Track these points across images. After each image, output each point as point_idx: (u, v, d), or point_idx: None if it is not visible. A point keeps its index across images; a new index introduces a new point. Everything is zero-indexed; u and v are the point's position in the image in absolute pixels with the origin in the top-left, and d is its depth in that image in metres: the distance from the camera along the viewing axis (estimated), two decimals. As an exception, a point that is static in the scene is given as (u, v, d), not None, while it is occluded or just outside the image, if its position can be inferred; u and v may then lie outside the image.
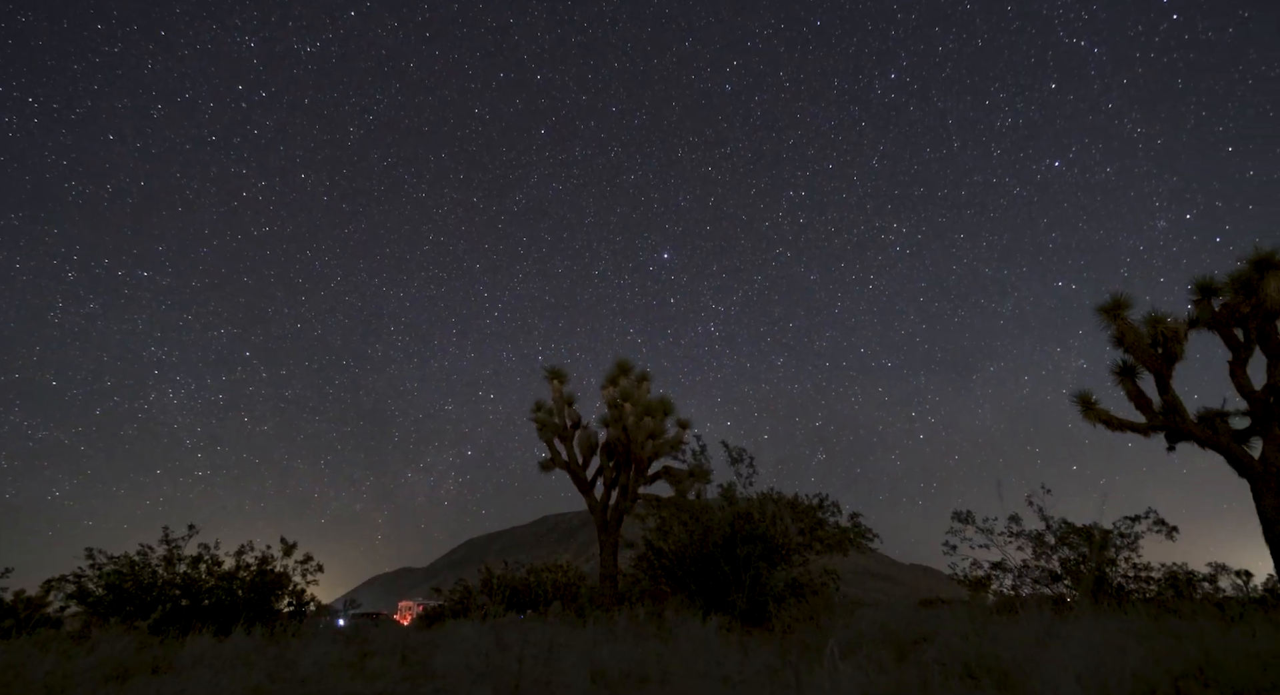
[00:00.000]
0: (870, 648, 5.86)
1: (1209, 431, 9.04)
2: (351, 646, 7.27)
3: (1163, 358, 9.16)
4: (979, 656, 4.43)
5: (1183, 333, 8.91)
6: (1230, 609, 9.71)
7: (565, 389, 12.76)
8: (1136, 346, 9.30)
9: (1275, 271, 8.07)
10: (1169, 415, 9.34)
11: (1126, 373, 9.62)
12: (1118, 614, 8.44)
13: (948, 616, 6.98)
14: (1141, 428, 9.66)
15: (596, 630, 5.76)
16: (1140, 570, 11.86)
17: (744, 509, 9.39)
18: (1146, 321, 9.11)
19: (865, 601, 18.61)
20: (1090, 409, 9.92)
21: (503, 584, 14.92)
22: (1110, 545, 12.86)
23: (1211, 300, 8.90)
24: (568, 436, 12.67)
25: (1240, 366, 8.82)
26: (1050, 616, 7.21)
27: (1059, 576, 12.62)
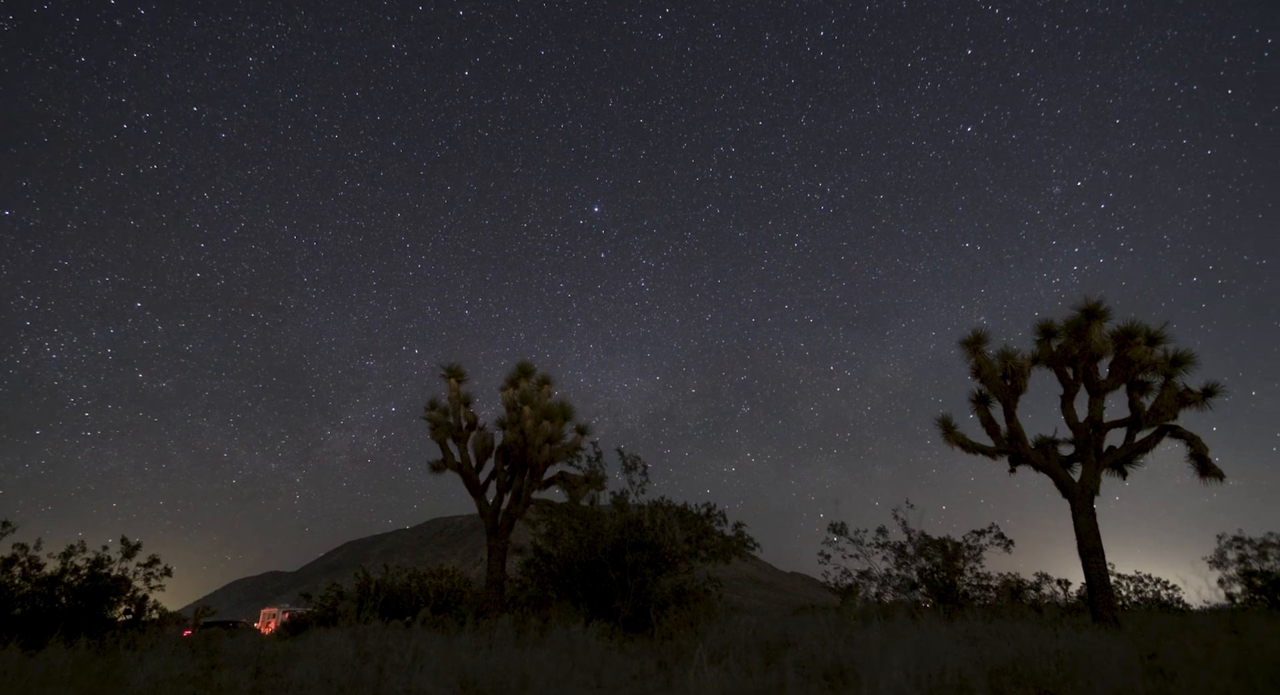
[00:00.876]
0: (743, 652, 6.13)
1: (1042, 457, 10.28)
2: (198, 658, 6.61)
3: (1010, 389, 10.33)
4: (835, 659, 4.77)
5: (1027, 368, 10.11)
6: (1049, 613, 11.08)
7: (463, 389, 12.39)
8: (990, 378, 10.43)
9: (1099, 321, 9.38)
10: (1012, 441, 10.53)
11: (981, 401, 10.75)
12: (960, 618, 9.35)
13: (812, 622, 7.43)
14: (990, 451, 10.82)
15: (473, 638, 5.62)
16: (982, 579, 13.27)
17: (635, 516, 9.53)
18: (999, 356, 10.25)
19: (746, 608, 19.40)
20: (950, 433, 10.98)
21: (381, 589, 14.16)
22: (959, 556, 14.27)
23: (1050, 341, 10.17)
24: (462, 437, 12.30)
25: (1069, 400, 10.12)
26: (903, 621, 7.88)
27: (916, 584, 13.83)
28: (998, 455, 10.76)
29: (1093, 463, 9.85)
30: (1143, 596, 16.16)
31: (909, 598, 14.37)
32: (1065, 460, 10.35)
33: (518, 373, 12.19)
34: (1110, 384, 9.84)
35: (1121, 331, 9.42)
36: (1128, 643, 5.72)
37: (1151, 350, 9.46)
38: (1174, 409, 9.57)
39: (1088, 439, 9.90)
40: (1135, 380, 9.77)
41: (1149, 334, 9.27)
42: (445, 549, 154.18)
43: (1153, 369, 9.56)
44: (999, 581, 13.20)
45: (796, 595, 34.70)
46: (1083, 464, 9.97)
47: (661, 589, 9.55)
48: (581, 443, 11.93)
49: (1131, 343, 9.38)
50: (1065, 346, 9.92)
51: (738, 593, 32.02)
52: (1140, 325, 9.32)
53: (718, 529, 10.17)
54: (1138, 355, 9.41)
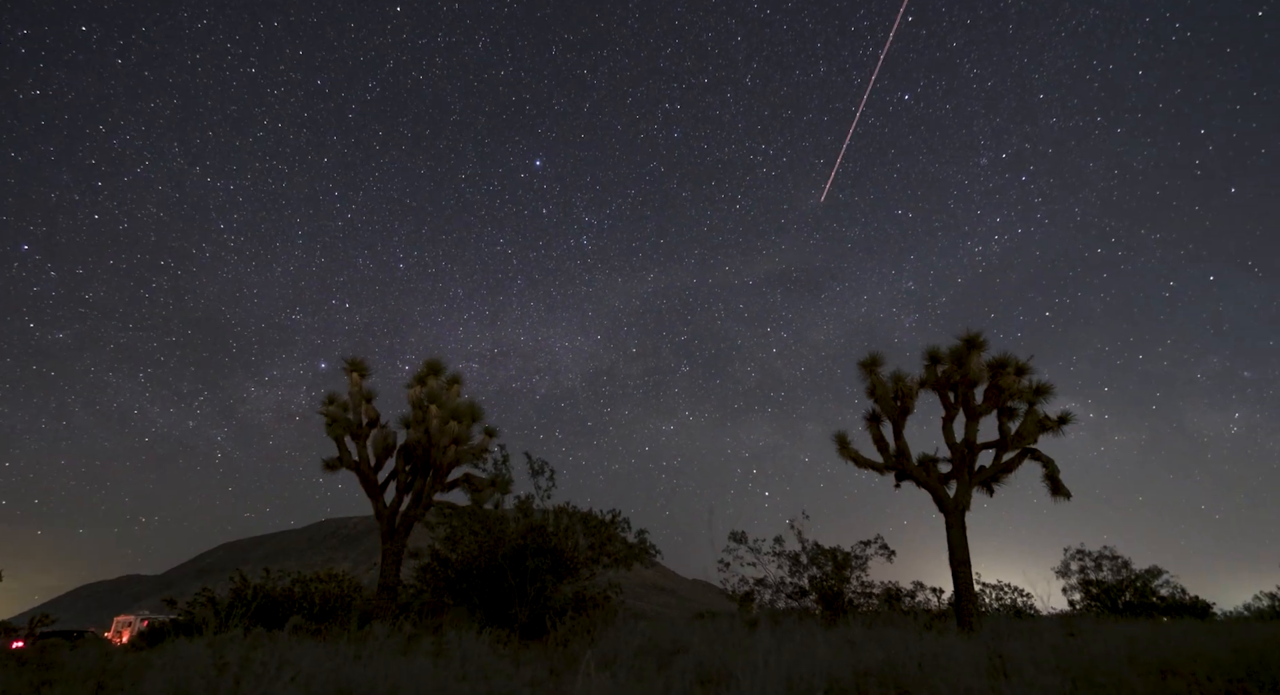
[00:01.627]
0: (636, 658, 6.20)
1: (924, 473, 11.12)
2: (27, 674, 5.85)
3: (899, 410, 11.12)
4: (722, 664, 4.93)
5: (915, 391, 10.93)
6: (922, 618, 11.98)
7: (366, 384, 11.80)
8: (883, 399, 11.18)
9: (978, 351, 10.32)
10: (899, 458, 11.32)
11: (873, 419, 11.49)
12: (842, 623, 9.90)
13: (701, 629, 7.62)
14: (879, 467, 11.57)
15: (354, 646, 5.34)
16: (865, 587, 14.15)
17: (539, 522, 9.43)
18: (892, 378, 11.02)
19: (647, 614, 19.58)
20: (845, 448, 11.65)
21: (259, 594, 13.12)
22: (848, 565, 15.15)
23: (936, 366, 11.05)
24: (362, 435, 11.69)
25: (949, 422, 11.03)
26: (791, 627, 8.24)
27: (806, 592, 14.54)
28: (885, 471, 11.52)
29: (966, 480, 10.77)
30: (1002, 603, 17.79)
31: (800, 604, 15.07)
32: (943, 477, 11.25)
33: (426, 370, 11.76)
34: (984, 409, 10.81)
35: (995, 362, 10.40)
36: (981, 646, 6.29)
37: (1019, 380, 10.50)
38: (1035, 434, 10.65)
39: (963, 458, 10.82)
40: (1005, 406, 10.79)
41: (1018, 365, 10.29)
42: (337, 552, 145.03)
43: (1019, 397, 10.60)
44: (880, 589, 14.14)
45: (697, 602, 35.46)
46: (958, 481, 10.88)
47: (562, 595, 9.48)
48: (489, 445, 11.66)
49: (1003, 372, 10.37)
50: (948, 372, 10.81)
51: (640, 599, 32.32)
52: (1011, 357, 10.34)
53: (621, 535, 10.24)
54: (1008, 384, 10.41)
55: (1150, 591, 13.82)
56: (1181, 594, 14.30)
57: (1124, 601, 13.86)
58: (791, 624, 9.06)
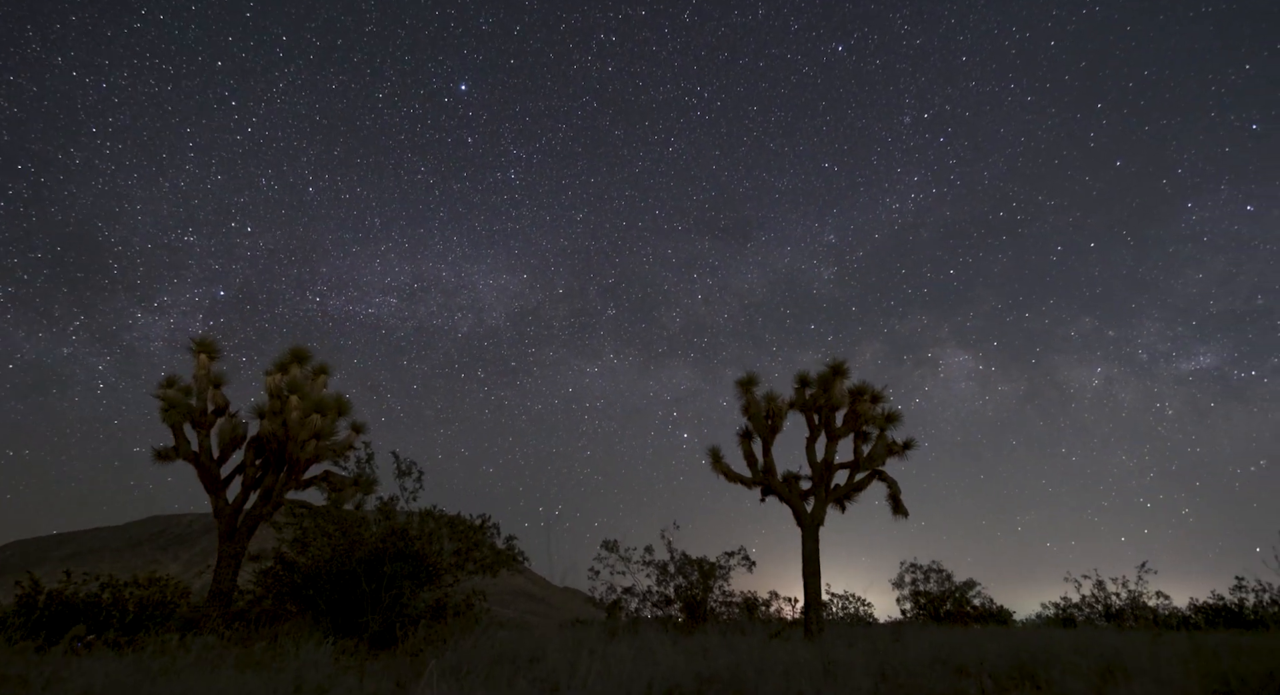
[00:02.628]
0: (493, 667, 6.05)
1: (787, 490, 11.88)
2: None
3: (770, 428, 11.82)
4: (573, 672, 4.96)
5: (785, 411, 11.67)
6: (775, 626, 12.74)
7: (215, 367, 10.65)
8: (755, 417, 11.82)
9: (841, 377, 11.24)
10: (766, 474, 12.01)
11: (746, 436, 12.11)
12: (700, 631, 10.28)
13: (566, 637, 7.61)
14: (748, 481, 12.20)
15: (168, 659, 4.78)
16: (727, 596, 14.83)
17: (402, 525, 8.96)
18: (765, 398, 11.69)
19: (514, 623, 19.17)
20: (717, 462, 12.19)
21: (55, 601, 11.29)
22: (713, 575, 15.78)
23: (805, 389, 11.88)
24: (205, 423, 10.52)
25: (812, 443, 11.88)
26: (653, 635, 8.43)
27: (672, 600, 14.95)
28: (753, 485, 12.17)
29: (822, 497, 11.63)
30: (846, 612, 19.34)
31: (665, 613, 15.45)
32: (803, 494, 12.07)
33: (289, 357, 10.83)
34: (843, 431, 11.77)
35: (855, 389, 11.38)
36: (820, 651, 6.80)
37: (874, 407, 11.54)
38: (884, 457, 11.74)
39: (821, 476, 11.68)
40: (860, 430, 11.81)
41: (873, 393, 11.33)
42: (164, 553, 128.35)
43: (873, 422, 11.64)
44: (740, 598, 14.86)
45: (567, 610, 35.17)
46: (815, 498, 11.72)
47: (421, 602, 9.04)
48: (355, 441, 10.94)
49: (861, 399, 11.36)
50: (815, 395, 11.66)
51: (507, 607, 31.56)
52: (868, 385, 11.37)
53: (490, 540, 9.98)
54: (864, 410, 11.42)
55: (966, 601, 15.68)
56: (990, 603, 16.36)
57: (944, 610, 15.59)
58: (652, 632, 9.27)
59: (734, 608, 14.98)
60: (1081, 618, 14.85)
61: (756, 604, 14.50)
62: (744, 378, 11.68)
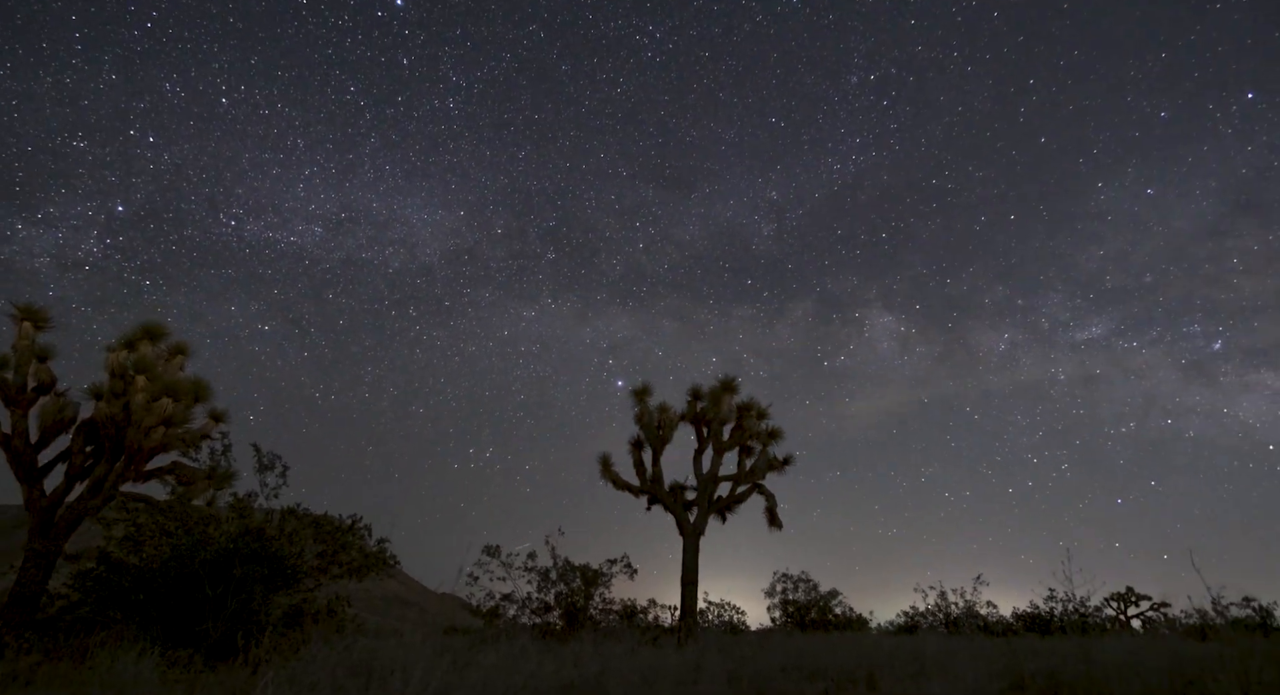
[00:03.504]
0: (349, 679, 5.69)
1: (672, 499, 12.16)
2: None
3: (660, 439, 12.06)
4: (440, 685, 4.77)
5: (675, 423, 11.97)
6: (650, 632, 12.96)
7: (42, 338, 9.31)
8: (647, 427, 12.03)
9: (729, 393, 11.72)
10: (654, 483, 12.23)
11: (637, 445, 12.29)
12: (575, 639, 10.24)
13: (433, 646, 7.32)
14: (635, 490, 12.37)
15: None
16: (607, 603, 14.89)
17: (259, 523, 8.23)
18: (658, 409, 11.94)
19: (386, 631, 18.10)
20: (607, 469, 12.26)
21: None
22: (596, 582, 15.79)
23: (697, 402, 12.26)
24: (22, 401, 9.14)
25: (700, 455, 12.26)
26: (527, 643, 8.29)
27: (551, 607, 14.79)
28: (639, 494, 12.35)
29: (705, 507, 12.02)
30: (722, 619, 20.03)
31: (544, 620, 15.24)
32: (688, 504, 12.41)
33: (140, 333, 9.67)
34: (729, 445, 12.24)
35: (743, 405, 11.90)
36: (687, 657, 7.00)
37: (759, 423, 12.12)
38: (764, 472, 12.33)
39: (705, 488, 12.07)
40: (745, 445, 12.34)
41: (759, 411, 11.90)
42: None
43: (757, 438, 12.21)
44: (620, 606, 14.98)
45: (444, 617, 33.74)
46: (698, 508, 12.09)
47: (273, 609, 8.32)
48: (212, 431, 9.93)
49: (748, 415, 11.89)
50: (705, 410, 12.05)
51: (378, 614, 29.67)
52: (755, 402, 11.93)
53: (359, 542, 9.40)
54: (749, 425, 11.95)
55: (828, 609, 16.77)
56: (850, 612, 17.61)
57: (809, 618, 16.57)
58: (527, 640, 9.13)
59: (613, 615, 15.06)
60: (925, 625, 16.33)
61: (635, 611, 14.66)
62: (638, 387, 11.87)
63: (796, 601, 16.98)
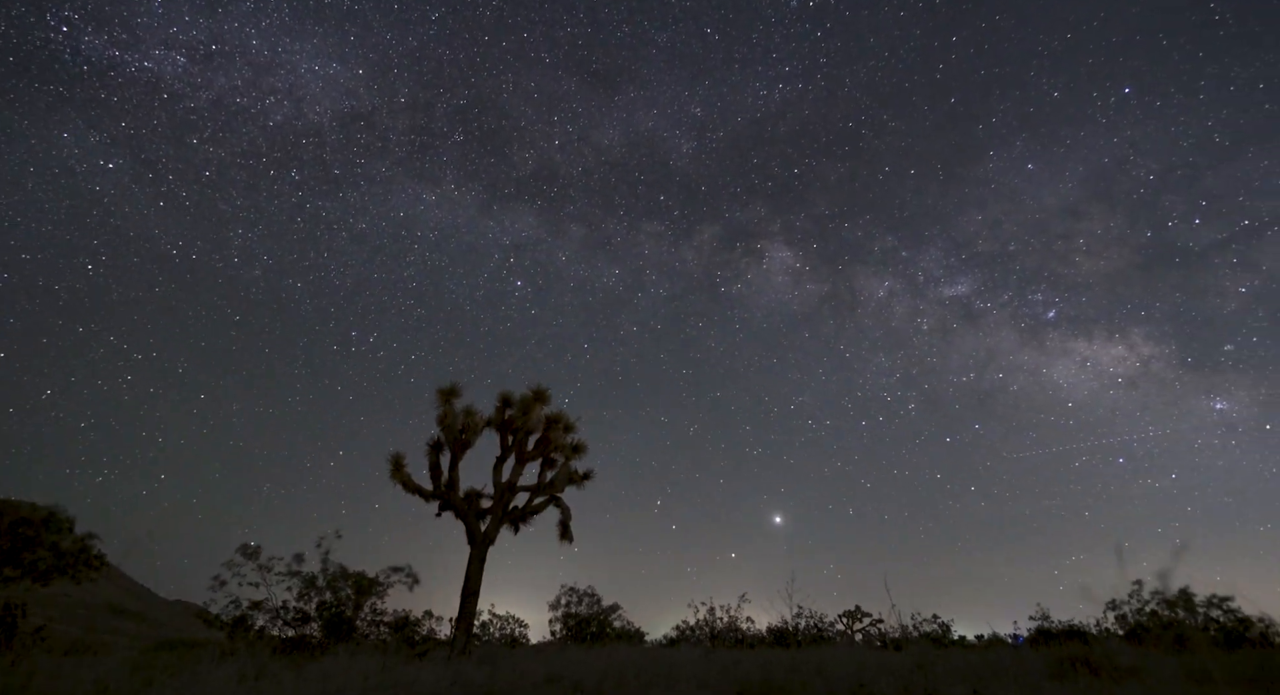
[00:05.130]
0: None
1: (466, 507, 11.72)
2: None
3: (461, 443, 11.61)
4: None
5: (480, 428, 11.62)
6: (420, 646, 12.25)
7: None
8: (450, 429, 11.52)
9: (540, 404, 11.70)
10: (449, 489, 11.69)
11: (436, 447, 11.69)
12: (332, 653, 9.34)
13: (143, 662, 6.23)
14: (426, 494, 11.72)
15: None
16: (378, 615, 13.78)
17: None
18: (463, 412, 11.50)
19: (90, 645, 14.78)
20: (398, 470, 11.47)
21: None
22: (371, 591, 14.55)
23: (506, 409, 12.04)
24: None
25: (501, 463, 12.01)
26: (263, 660, 7.36)
27: (311, 618, 13.29)
28: (431, 499, 11.73)
29: (499, 517, 11.76)
30: (504, 633, 19.63)
31: (300, 632, 13.63)
32: (481, 512, 12.05)
33: None
34: (533, 455, 12.18)
35: (552, 416, 11.95)
36: (450, 672, 6.74)
37: (566, 436, 12.24)
38: (564, 485, 12.44)
39: (501, 497, 11.84)
40: (549, 456, 12.37)
41: (567, 423, 12.03)
42: None
43: (561, 451, 12.31)
44: (392, 618, 13.95)
45: (174, 628, 27.97)
46: (492, 517, 11.79)
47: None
48: None
49: (556, 426, 11.95)
50: (513, 417, 11.89)
51: (79, 625, 23.64)
52: (564, 414, 12.04)
53: (53, 539, 7.63)
54: (556, 437, 12.02)
55: (608, 623, 17.29)
56: (629, 626, 18.34)
57: (589, 632, 16.92)
58: (269, 656, 8.11)
59: (384, 627, 13.97)
60: (693, 639, 17.56)
61: (409, 623, 13.79)
62: (446, 387, 11.34)
63: (578, 615, 17.26)
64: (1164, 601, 13.33)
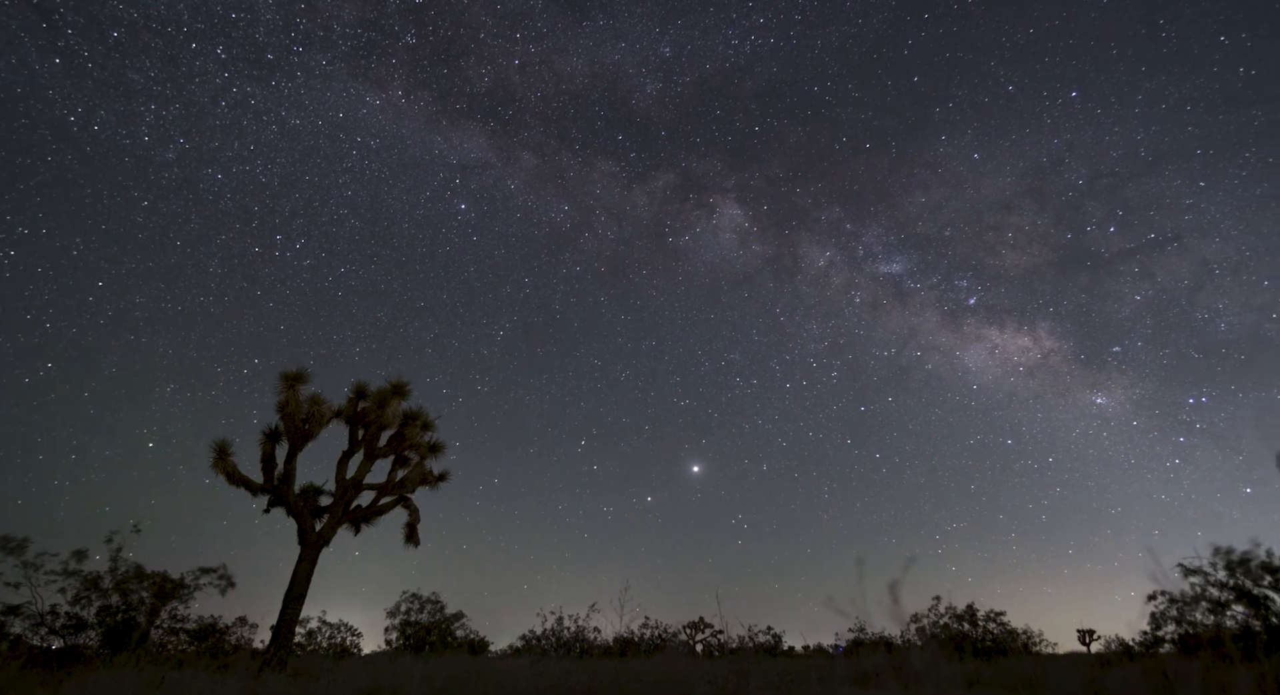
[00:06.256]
0: None
1: (301, 503, 10.71)
2: None
3: (303, 433, 10.64)
4: None
5: (327, 419, 10.72)
6: (223, 658, 10.94)
7: None
8: (292, 417, 10.51)
9: (398, 398, 11.04)
10: (282, 482, 10.63)
11: (272, 436, 10.61)
12: (104, 667, 8.09)
13: None
14: (254, 487, 10.57)
15: None
16: (178, 621, 12.13)
17: None
18: (309, 400, 10.55)
19: None
20: (223, 458, 10.26)
21: None
22: (175, 594, 12.78)
23: (359, 401, 11.22)
24: None
25: (347, 458, 11.15)
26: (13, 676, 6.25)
27: (88, 625, 11.41)
28: (260, 492, 10.61)
29: (338, 516, 10.87)
30: (333, 643, 18.09)
31: (71, 642, 11.63)
32: (318, 510, 11.08)
33: None
34: (384, 452, 11.43)
35: (410, 413, 11.31)
36: (253, 686, 6.08)
37: (423, 434, 11.63)
38: (416, 485, 11.78)
39: (344, 495, 10.97)
40: (402, 454, 11.68)
41: (425, 421, 11.44)
42: None
43: (418, 449, 11.67)
44: (196, 625, 12.33)
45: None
46: (330, 516, 10.87)
47: None
48: None
49: (413, 424, 11.32)
50: (367, 410, 11.10)
51: None
52: (423, 411, 11.45)
53: None
54: (412, 435, 11.38)
55: (450, 632, 16.55)
56: (473, 634, 17.68)
57: (429, 642, 16.08)
58: (11, 675, 6.86)
59: (182, 636, 12.30)
60: (539, 649, 17.29)
61: (216, 631, 12.29)
62: (292, 372, 10.35)
63: (419, 623, 16.37)
64: (955, 616, 15.24)
